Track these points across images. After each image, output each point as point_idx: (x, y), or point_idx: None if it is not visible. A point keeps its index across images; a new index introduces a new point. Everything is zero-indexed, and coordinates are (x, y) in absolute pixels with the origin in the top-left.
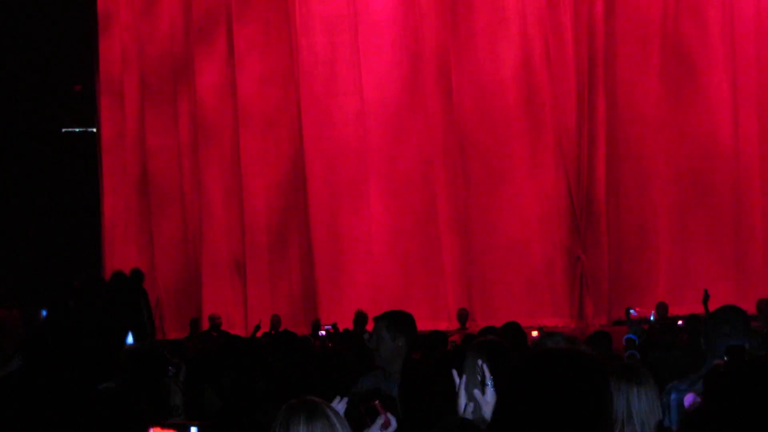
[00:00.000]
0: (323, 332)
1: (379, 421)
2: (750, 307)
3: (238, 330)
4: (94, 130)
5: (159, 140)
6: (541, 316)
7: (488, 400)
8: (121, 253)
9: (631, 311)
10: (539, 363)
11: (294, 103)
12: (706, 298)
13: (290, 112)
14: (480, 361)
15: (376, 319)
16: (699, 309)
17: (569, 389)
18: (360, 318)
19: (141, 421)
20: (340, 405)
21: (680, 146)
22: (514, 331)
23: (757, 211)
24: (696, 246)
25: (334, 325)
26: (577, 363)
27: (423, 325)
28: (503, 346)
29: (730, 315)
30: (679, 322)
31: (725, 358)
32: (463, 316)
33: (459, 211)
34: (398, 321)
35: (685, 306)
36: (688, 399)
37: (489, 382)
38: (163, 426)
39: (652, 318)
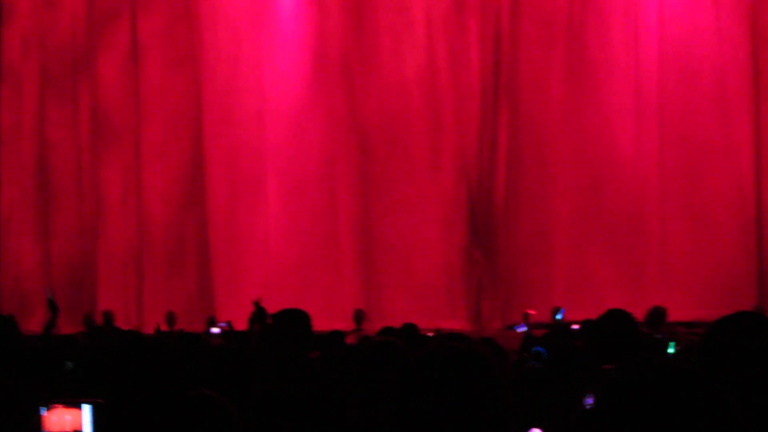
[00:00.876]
0: (217, 330)
1: None
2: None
3: (132, 326)
4: None
5: (58, 133)
6: (438, 318)
7: None
8: (15, 246)
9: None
10: (434, 361)
11: (195, 100)
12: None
13: (191, 109)
14: None
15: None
16: (595, 314)
17: (463, 387)
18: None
19: (31, 401)
20: None
21: (581, 152)
22: (411, 332)
23: (654, 219)
24: (593, 252)
25: (229, 323)
26: (473, 363)
27: (319, 324)
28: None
29: (618, 320)
30: (574, 327)
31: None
32: (359, 316)
33: (358, 211)
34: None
35: (581, 311)
36: (588, 401)
37: None
38: (54, 404)
39: (559, 316)
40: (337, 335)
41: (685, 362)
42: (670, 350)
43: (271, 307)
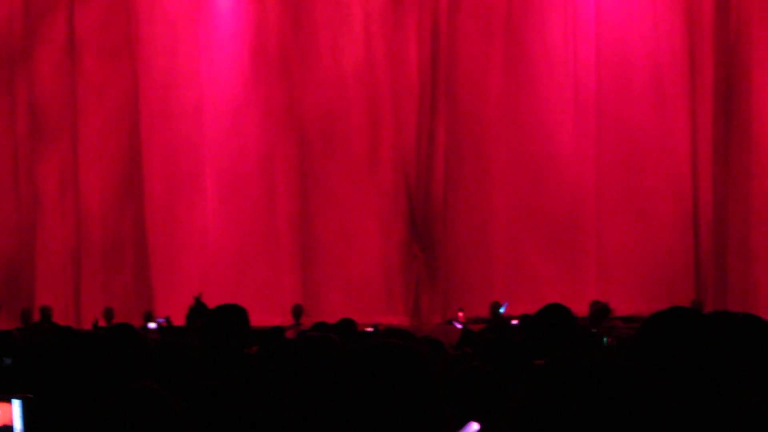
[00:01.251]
0: (154, 325)
1: None
2: (583, 309)
3: (70, 322)
4: None
5: None
6: (377, 313)
7: None
8: None
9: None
10: (371, 357)
11: (132, 94)
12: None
13: (129, 103)
14: None
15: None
16: (534, 309)
17: (399, 383)
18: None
19: None
20: None
21: (520, 147)
22: (348, 327)
23: (592, 214)
24: (532, 247)
25: (167, 319)
26: (409, 358)
27: (258, 320)
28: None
29: (553, 314)
30: (513, 322)
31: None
32: (297, 311)
33: (297, 206)
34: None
35: (520, 305)
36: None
37: None
38: None
39: (502, 310)
40: (277, 330)
41: (613, 357)
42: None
43: (210, 302)
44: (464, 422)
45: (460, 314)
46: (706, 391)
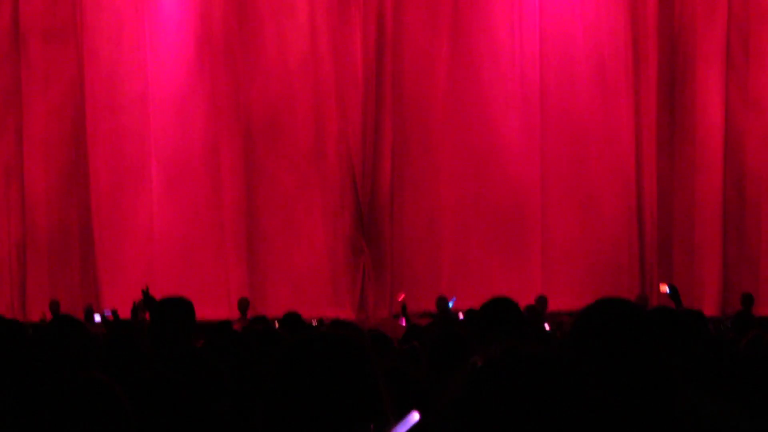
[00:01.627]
0: (99, 318)
1: None
2: (530, 302)
3: (16, 315)
4: None
5: None
6: (323, 306)
7: None
8: None
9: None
10: (307, 346)
11: (78, 82)
12: (675, 292)
13: (74, 91)
14: None
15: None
16: (480, 303)
17: (337, 372)
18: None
19: None
20: None
21: (466, 140)
22: (293, 321)
23: (536, 207)
24: (479, 240)
25: (114, 312)
26: (347, 347)
27: (203, 313)
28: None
29: (499, 307)
30: (460, 316)
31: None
32: (243, 305)
33: (242, 198)
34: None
35: (468, 300)
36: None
37: None
38: None
39: (451, 305)
40: (224, 325)
41: (548, 349)
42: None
43: (156, 294)
44: (406, 412)
45: (401, 298)
46: (640, 385)
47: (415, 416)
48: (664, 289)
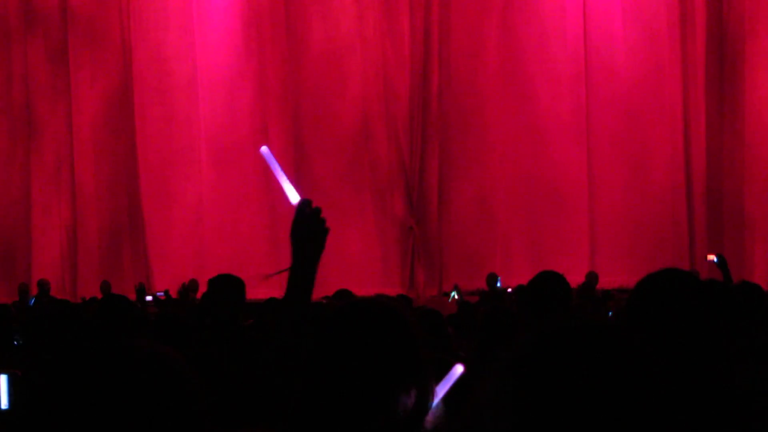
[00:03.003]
0: (151, 298)
1: None
2: (579, 279)
3: (67, 296)
4: None
5: None
6: (373, 285)
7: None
8: None
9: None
10: (347, 313)
11: (125, 70)
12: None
13: (122, 78)
14: None
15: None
16: (525, 279)
17: (376, 337)
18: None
19: None
20: None
21: (514, 119)
22: (345, 298)
23: (584, 183)
24: (528, 219)
25: (166, 292)
26: (386, 314)
27: (255, 293)
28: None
29: (547, 282)
30: (509, 290)
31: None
32: None
33: (291, 179)
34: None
35: (518, 278)
36: None
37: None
38: None
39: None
40: (272, 302)
41: (608, 322)
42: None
43: (206, 276)
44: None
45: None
46: (698, 359)
47: (458, 369)
48: (712, 258)
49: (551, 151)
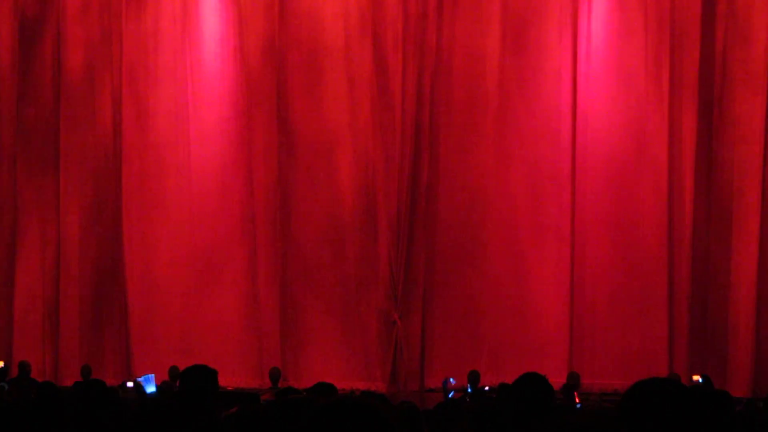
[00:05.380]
0: (131, 384)
1: None
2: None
3: (48, 378)
4: None
5: None
6: (355, 378)
7: None
8: None
9: (450, 380)
10: (331, 413)
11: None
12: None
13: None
14: None
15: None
16: (511, 379)
17: None
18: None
19: None
20: None
21: (506, 218)
22: (326, 391)
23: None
24: (519, 317)
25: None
26: (368, 414)
27: (235, 382)
28: None
29: (534, 384)
30: (486, 388)
31: None
32: (275, 375)
33: (276, 268)
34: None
35: (502, 376)
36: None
37: None
38: None
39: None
40: (253, 396)
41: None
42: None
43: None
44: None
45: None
46: None
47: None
48: (697, 378)
49: (535, 251)
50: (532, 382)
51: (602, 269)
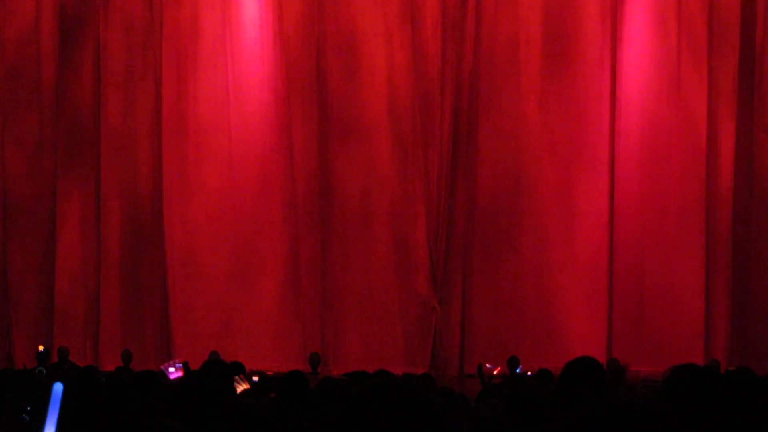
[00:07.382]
0: (173, 369)
1: None
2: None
3: (88, 363)
4: None
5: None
6: (394, 364)
7: None
8: None
9: (487, 365)
10: (374, 393)
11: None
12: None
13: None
14: None
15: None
16: (553, 364)
17: (403, 419)
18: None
19: None
20: None
21: (547, 206)
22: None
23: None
24: (560, 303)
25: (185, 364)
26: (413, 394)
27: (275, 367)
28: None
29: (586, 368)
30: (528, 373)
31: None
32: (315, 360)
33: (317, 254)
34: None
35: (546, 362)
36: None
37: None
38: None
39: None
40: (295, 375)
41: (649, 401)
42: None
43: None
44: None
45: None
46: None
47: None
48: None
49: (573, 237)
50: (584, 366)
51: (641, 256)
